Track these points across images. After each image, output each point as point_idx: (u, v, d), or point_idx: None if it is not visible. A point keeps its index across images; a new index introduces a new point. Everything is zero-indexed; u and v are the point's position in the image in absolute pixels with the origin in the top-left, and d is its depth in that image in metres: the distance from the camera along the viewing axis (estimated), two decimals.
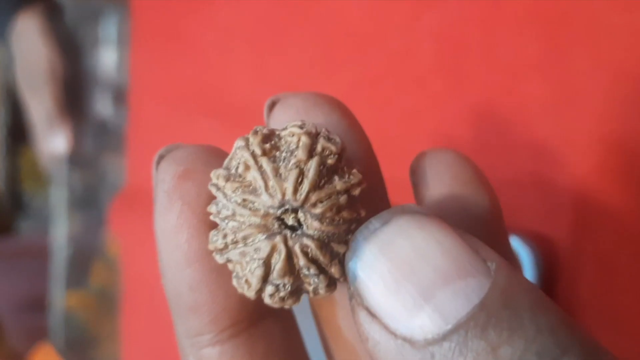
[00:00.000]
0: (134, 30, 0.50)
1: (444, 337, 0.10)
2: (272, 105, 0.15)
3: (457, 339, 0.10)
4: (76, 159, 0.62)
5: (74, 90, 0.61)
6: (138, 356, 0.51)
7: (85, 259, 0.62)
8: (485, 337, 0.10)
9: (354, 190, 0.12)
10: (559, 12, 0.25)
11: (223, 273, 0.13)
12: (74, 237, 0.63)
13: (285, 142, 0.12)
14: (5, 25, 0.61)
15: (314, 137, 0.12)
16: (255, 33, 0.37)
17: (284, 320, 0.16)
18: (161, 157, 0.14)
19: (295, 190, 0.12)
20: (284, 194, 0.12)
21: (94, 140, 0.60)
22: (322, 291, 0.12)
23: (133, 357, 0.53)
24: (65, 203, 0.63)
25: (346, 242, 0.12)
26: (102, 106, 0.58)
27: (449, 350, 0.10)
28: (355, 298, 0.11)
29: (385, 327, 0.11)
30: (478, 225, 0.14)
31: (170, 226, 0.13)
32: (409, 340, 0.10)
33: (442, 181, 0.15)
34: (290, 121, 0.13)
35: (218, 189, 0.13)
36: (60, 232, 0.64)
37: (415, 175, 0.15)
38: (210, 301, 0.14)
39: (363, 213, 0.12)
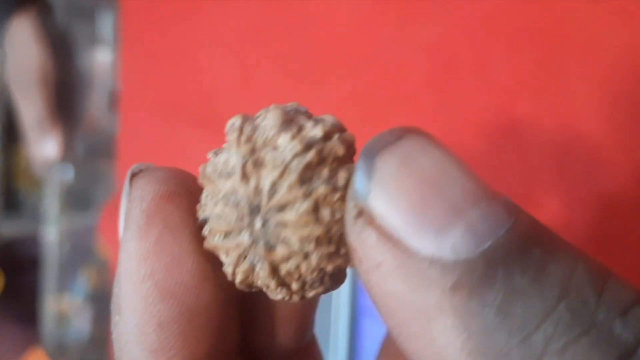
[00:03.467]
0: (124, 39, 0.49)
1: (482, 254, 0.09)
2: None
3: (494, 258, 0.09)
4: (67, 163, 0.61)
5: (65, 95, 0.60)
6: None
7: (76, 262, 0.62)
8: (530, 254, 0.09)
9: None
10: (551, 30, 0.24)
11: (199, 315, 0.12)
12: (65, 240, 0.63)
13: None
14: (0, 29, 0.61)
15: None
16: (244, 44, 0.37)
17: None
18: (135, 174, 0.13)
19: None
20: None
21: (87, 143, 0.60)
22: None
23: None
24: (57, 207, 0.63)
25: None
26: (97, 108, 0.58)
27: (487, 269, 0.09)
28: (365, 217, 0.10)
29: (405, 248, 0.09)
30: None
31: (145, 251, 0.12)
32: (437, 260, 0.09)
33: None
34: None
35: None
36: (52, 236, 0.63)
37: None
38: (179, 344, 0.12)
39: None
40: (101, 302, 0.59)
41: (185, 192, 0.12)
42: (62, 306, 0.63)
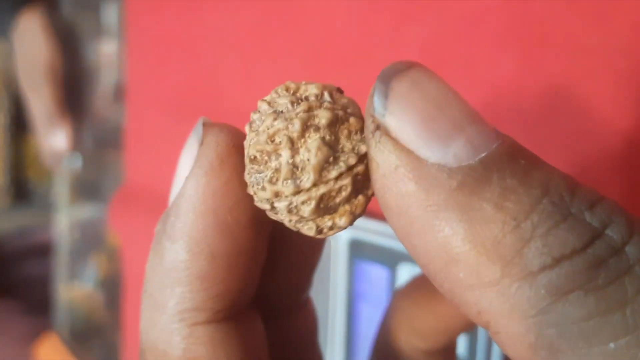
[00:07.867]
0: (129, 30, 0.50)
1: (480, 161, 0.11)
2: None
3: (489, 165, 0.11)
4: (76, 153, 0.62)
5: (73, 87, 0.61)
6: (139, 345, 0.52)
7: (86, 250, 0.63)
8: (517, 162, 0.11)
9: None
10: (532, 30, 0.25)
11: (246, 252, 0.14)
12: (75, 229, 0.64)
13: None
14: (8, 24, 0.62)
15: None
16: (245, 40, 0.38)
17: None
18: (205, 124, 0.14)
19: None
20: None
21: (95, 134, 0.61)
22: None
23: (135, 346, 0.54)
24: (67, 197, 0.64)
25: None
26: (102, 99, 0.59)
27: (485, 173, 0.11)
28: (382, 130, 0.12)
29: (416, 156, 0.11)
30: None
31: (214, 188, 0.13)
32: (443, 166, 0.11)
33: None
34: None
35: None
36: (63, 226, 0.65)
37: None
38: (224, 274, 0.13)
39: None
40: (111, 288, 0.60)
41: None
42: (73, 293, 0.65)
